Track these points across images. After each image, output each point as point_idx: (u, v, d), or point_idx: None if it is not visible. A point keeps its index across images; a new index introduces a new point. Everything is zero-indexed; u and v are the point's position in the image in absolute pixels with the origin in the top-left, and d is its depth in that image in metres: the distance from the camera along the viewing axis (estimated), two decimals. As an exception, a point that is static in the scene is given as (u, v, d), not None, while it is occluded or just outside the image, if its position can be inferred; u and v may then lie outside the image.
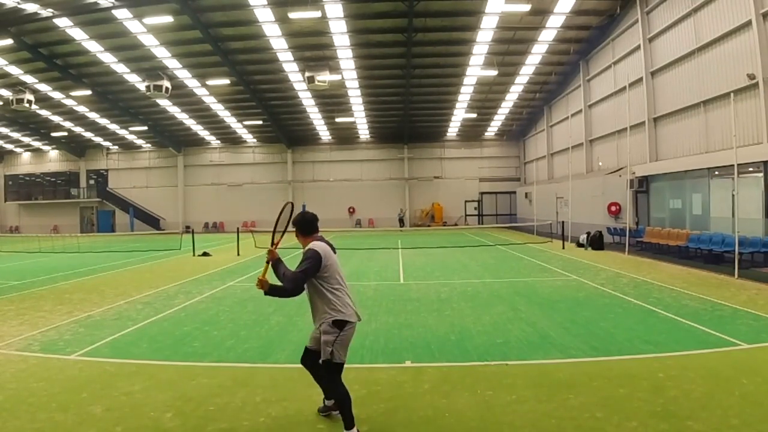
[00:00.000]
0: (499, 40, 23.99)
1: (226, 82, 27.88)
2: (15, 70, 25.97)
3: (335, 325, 3.79)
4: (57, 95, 29.79)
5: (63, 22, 21.59)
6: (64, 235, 31.20)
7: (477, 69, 26.69)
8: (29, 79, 27.08)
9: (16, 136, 39.13)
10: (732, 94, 13.27)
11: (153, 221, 40.53)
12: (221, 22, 22.39)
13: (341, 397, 3.81)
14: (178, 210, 40.83)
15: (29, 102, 27.30)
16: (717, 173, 15.62)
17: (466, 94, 30.84)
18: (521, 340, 6.54)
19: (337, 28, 22.63)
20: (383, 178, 40.00)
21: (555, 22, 22.38)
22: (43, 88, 28.48)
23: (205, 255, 18.74)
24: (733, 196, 13.90)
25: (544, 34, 23.59)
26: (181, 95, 29.86)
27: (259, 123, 35.80)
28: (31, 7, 20.34)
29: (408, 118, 34.56)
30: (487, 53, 25.16)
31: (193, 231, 24.88)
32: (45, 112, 33.10)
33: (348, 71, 27.16)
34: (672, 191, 18.81)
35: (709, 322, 7.26)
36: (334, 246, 4.05)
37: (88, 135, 38.71)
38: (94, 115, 34.10)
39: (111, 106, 31.49)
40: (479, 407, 4.39)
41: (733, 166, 12.19)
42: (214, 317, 8.29)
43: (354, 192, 39.80)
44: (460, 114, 34.66)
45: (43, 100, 29.99)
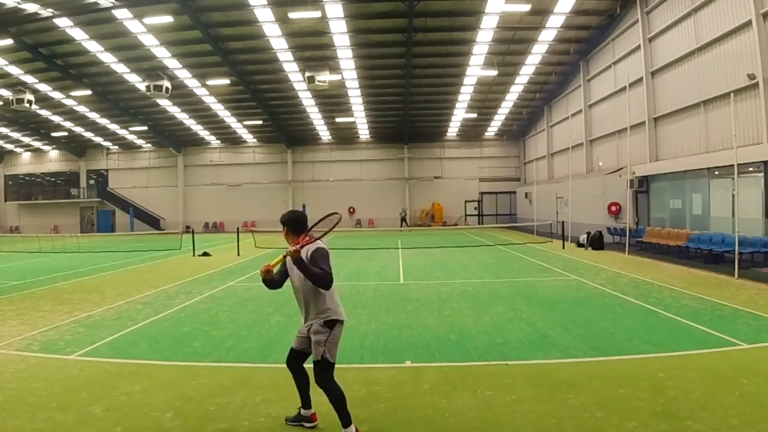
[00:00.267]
0: (499, 40, 24.00)
1: (226, 82, 27.88)
2: (15, 70, 25.97)
3: (327, 325, 3.81)
4: (57, 95, 29.79)
5: (63, 22, 21.60)
6: (64, 235, 31.20)
7: (477, 69, 26.69)
8: (29, 79, 27.08)
9: (16, 136, 39.13)
10: (732, 94, 13.27)
11: (153, 221, 40.54)
12: (221, 22, 22.40)
13: (336, 396, 3.82)
14: (178, 210, 40.84)
15: (29, 102, 27.29)
16: (717, 173, 15.62)
17: (466, 94, 30.85)
18: (521, 340, 6.54)
19: (337, 28, 22.63)
20: (383, 178, 40.01)
21: (555, 22, 22.38)
22: (43, 88, 28.48)
23: (205, 255, 18.74)
24: (733, 196, 13.90)
25: (544, 34, 23.59)
26: (181, 95, 29.86)
27: (259, 123, 35.81)
28: (31, 7, 20.35)
29: (408, 118, 34.56)
30: (487, 53, 25.16)
31: (193, 231, 24.87)
32: (45, 112, 33.10)
33: (348, 71, 27.16)
34: (672, 191, 18.81)
35: (709, 322, 7.26)
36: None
37: (88, 135, 38.71)
38: (94, 115, 34.10)
39: (111, 106, 31.49)
40: (479, 407, 4.39)
41: (733, 166, 12.19)
42: (214, 317, 8.29)
43: (354, 192, 39.81)
44: (460, 114, 34.66)
45: (43, 100, 29.99)
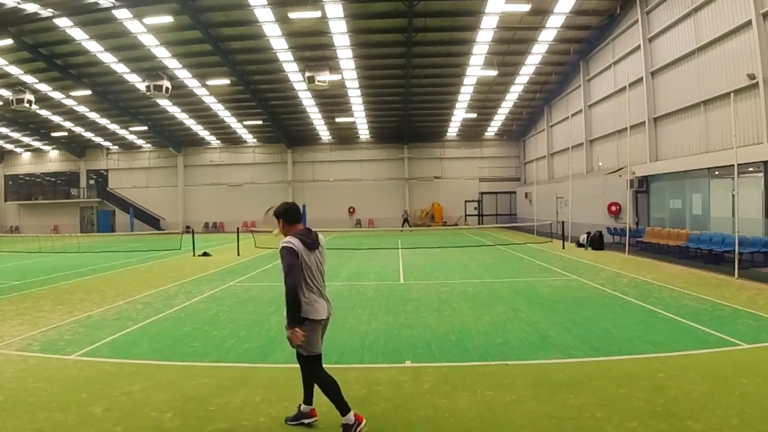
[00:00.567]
0: (499, 40, 23.99)
1: (226, 82, 27.88)
2: (15, 70, 25.97)
3: (306, 314, 3.86)
4: (57, 95, 29.79)
5: (63, 22, 21.59)
6: (64, 235, 31.21)
7: (477, 69, 26.69)
8: (29, 79, 27.08)
9: (16, 136, 39.13)
10: (732, 94, 13.28)
11: (153, 221, 40.53)
12: (221, 22, 22.39)
13: (326, 385, 3.84)
14: (178, 210, 40.84)
15: (29, 102, 27.29)
16: (717, 173, 15.62)
17: (466, 94, 30.84)
18: (521, 340, 6.54)
19: (337, 28, 22.63)
20: (383, 178, 40.00)
21: (555, 22, 22.38)
22: (43, 88, 28.48)
23: (205, 255, 18.74)
24: (733, 196, 13.91)
25: (544, 34, 23.59)
26: (181, 95, 29.86)
27: (259, 123, 35.80)
28: (31, 7, 20.35)
29: (408, 118, 34.56)
30: (487, 53, 25.15)
31: (193, 231, 24.86)
32: (45, 112, 33.10)
33: (348, 71, 27.15)
34: (672, 191, 18.81)
35: (709, 322, 7.26)
36: (317, 239, 3.99)
37: (88, 135, 38.71)
38: (94, 115, 34.10)
39: (111, 106, 31.49)
40: (479, 407, 4.39)
41: (733, 166, 12.20)
42: (214, 317, 8.29)
43: (354, 192, 39.82)
44: (460, 114, 34.65)
45: (43, 100, 29.99)
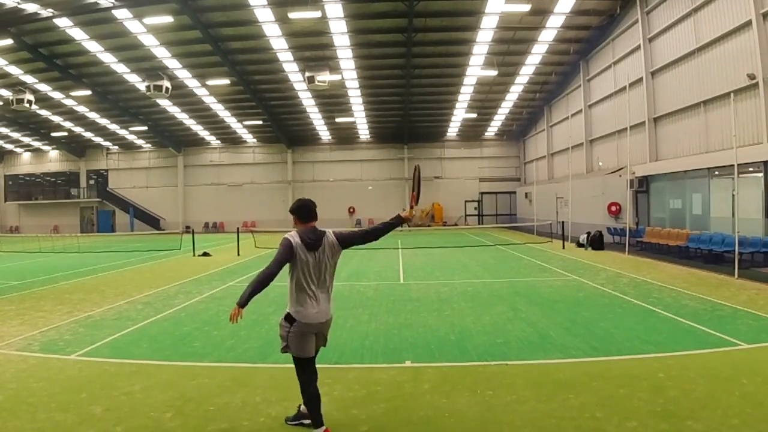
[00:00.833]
0: (499, 40, 24.00)
1: (226, 82, 27.88)
2: (15, 70, 25.97)
3: (287, 319, 3.80)
4: (57, 95, 29.80)
5: (63, 22, 21.60)
6: (64, 235, 31.21)
7: (477, 69, 26.70)
8: (29, 79, 27.09)
9: (16, 136, 39.14)
10: (732, 94, 13.28)
11: (153, 221, 40.54)
12: (221, 22, 22.40)
13: (304, 394, 3.79)
14: (178, 210, 40.85)
15: (29, 102, 27.31)
16: (717, 173, 15.62)
17: (466, 94, 30.85)
18: (521, 340, 6.54)
19: (337, 28, 22.64)
20: (383, 178, 40.01)
21: (555, 22, 22.39)
22: (43, 88, 28.48)
23: (205, 255, 18.74)
24: (733, 196, 13.90)
25: (544, 34, 23.60)
26: (181, 95, 29.86)
27: (259, 123, 35.81)
28: (31, 7, 20.35)
29: (408, 118, 34.56)
30: (487, 53, 25.16)
31: (193, 231, 24.86)
32: (45, 112, 33.11)
33: (348, 71, 27.16)
34: (672, 191, 18.81)
35: (709, 322, 7.26)
36: (319, 240, 3.79)
37: (88, 135, 38.72)
38: (94, 115, 34.11)
39: (111, 106, 31.50)
40: (479, 407, 4.39)
41: (733, 166, 12.20)
42: (214, 317, 8.29)
43: (354, 192, 39.82)
44: (460, 114, 34.66)
45: (43, 100, 30.00)
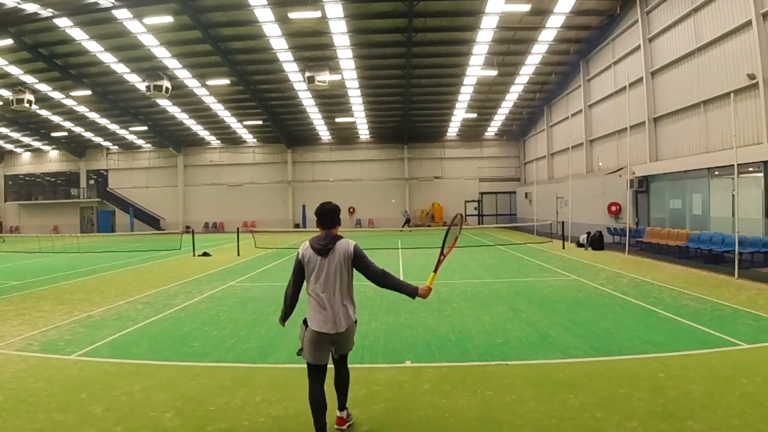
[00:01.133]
0: (499, 40, 24.00)
1: (226, 82, 27.89)
2: (15, 70, 25.98)
3: (304, 322, 3.82)
4: (57, 95, 29.80)
5: (63, 22, 21.60)
6: (64, 235, 31.21)
7: (477, 69, 26.70)
8: (29, 79, 27.10)
9: (16, 136, 39.15)
10: (732, 94, 13.27)
11: (153, 221, 40.55)
12: (221, 22, 22.40)
13: (311, 399, 3.78)
14: (178, 210, 40.86)
15: (29, 102, 27.32)
16: (717, 173, 15.62)
17: (466, 94, 30.86)
18: (521, 340, 6.54)
19: (337, 28, 22.64)
20: (383, 178, 40.02)
21: (555, 22, 22.39)
22: (43, 88, 28.49)
23: (205, 255, 18.74)
24: (733, 196, 13.91)
25: (544, 34, 23.60)
26: (181, 95, 29.87)
27: (259, 123, 35.81)
28: (31, 7, 20.35)
29: (408, 118, 34.57)
30: (487, 53, 25.17)
31: (193, 231, 24.87)
32: (45, 112, 33.11)
33: (348, 71, 27.16)
34: (672, 191, 18.81)
35: (709, 322, 7.26)
36: (328, 246, 3.75)
37: (88, 135, 38.73)
38: (94, 115, 34.12)
39: (111, 106, 31.51)
40: (479, 407, 4.39)
41: (733, 166, 12.19)
42: (214, 317, 8.29)
43: (354, 192, 39.82)
44: (460, 114, 34.67)
45: (43, 100, 30.01)
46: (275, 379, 5.21)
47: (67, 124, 36.04)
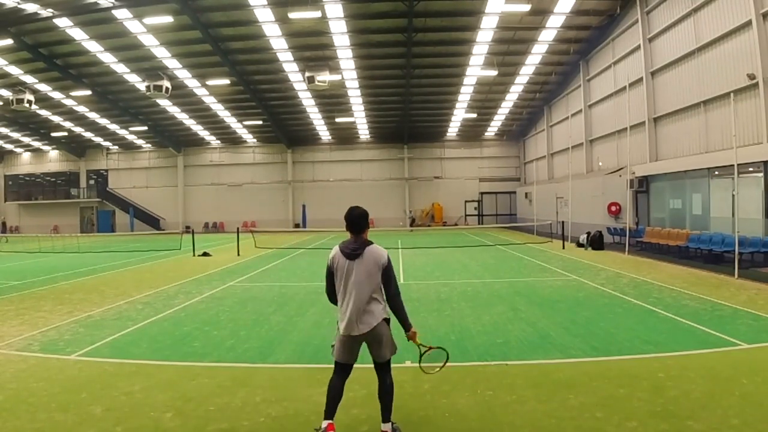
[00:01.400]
0: (499, 40, 24.00)
1: (226, 82, 27.89)
2: (15, 70, 25.98)
3: (338, 323, 3.87)
4: (57, 95, 29.80)
5: (63, 22, 21.60)
6: (64, 235, 31.21)
7: (477, 69, 26.70)
8: (29, 79, 27.10)
9: (16, 136, 39.16)
10: (732, 94, 13.28)
11: (153, 221, 40.56)
12: (221, 22, 22.40)
13: (329, 386, 3.80)
14: (178, 210, 40.86)
15: (29, 102, 27.32)
16: (717, 173, 15.62)
17: (466, 94, 30.86)
18: (521, 340, 6.54)
19: (337, 28, 22.64)
20: (383, 178, 40.02)
21: (555, 22, 22.39)
22: (43, 88, 28.49)
23: (205, 255, 18.74)
24: (733, 196, 13.90)
25: (544, 34, 23.60)
26: (181, 95, 29.87)
27: (259, 123, 35.82)
28: (31, 7, 20.35)
29: (408, 118, 34.57)
30: (487, 53, 25.17)
31: (193, 231, 24.86)
32: (45, 112, 33.12)
33: (348, 71, 27.16)
34: (672, 191, 18.81)
35: (709, 322, 7.26)
36: (356, 251, 3.76)
37: (88, 135, 38.74)
38: (94, 115, 34.12)
39: (111, 106, 31.51)
40: (479, 407, 4.39)
41: (733, 166, 12.20)
42: (214, 317, 8.29)
43: (354, 192, 39.78)
44: (460, 114, 34.68)
45: (43, 100, 30.01)
46: (275, 379, 5.21)
47: (67, 124, 36.04)
